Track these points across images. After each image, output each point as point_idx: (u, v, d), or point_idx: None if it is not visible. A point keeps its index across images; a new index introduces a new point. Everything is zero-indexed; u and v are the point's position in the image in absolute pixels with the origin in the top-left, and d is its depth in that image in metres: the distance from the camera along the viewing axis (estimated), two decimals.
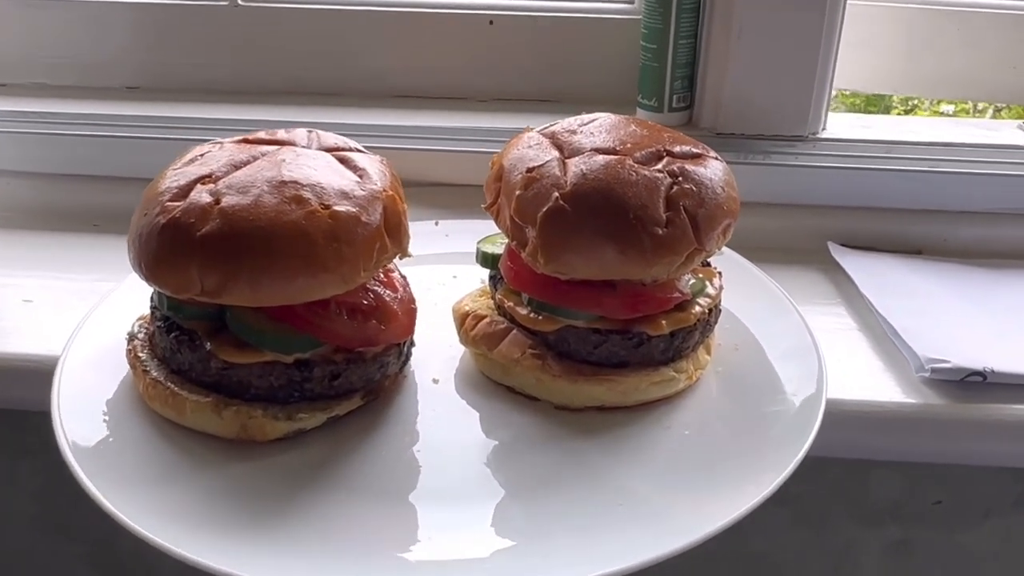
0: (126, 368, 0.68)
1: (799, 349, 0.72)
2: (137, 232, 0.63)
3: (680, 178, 0.66)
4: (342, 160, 0.67)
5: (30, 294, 0.85)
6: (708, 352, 0.72)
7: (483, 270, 0.76)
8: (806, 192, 0.95)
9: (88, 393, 0.67)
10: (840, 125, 0.99)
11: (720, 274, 0.74)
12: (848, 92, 1.39)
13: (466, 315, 0.73)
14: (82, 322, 0.73)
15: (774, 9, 0.91)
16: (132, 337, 0.69)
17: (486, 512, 0.60)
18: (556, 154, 0.68)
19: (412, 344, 0.71)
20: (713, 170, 0.68)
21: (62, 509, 0.93)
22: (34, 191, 1.00)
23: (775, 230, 0.93)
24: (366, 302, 0.65)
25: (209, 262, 0.59)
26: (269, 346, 0.62)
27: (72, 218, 0.98)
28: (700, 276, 0.72)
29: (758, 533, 0.88)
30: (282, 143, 0.68)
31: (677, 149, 0.68)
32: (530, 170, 0.67)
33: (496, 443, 0.66)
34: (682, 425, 0.67)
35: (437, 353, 0.74)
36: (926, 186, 0.94)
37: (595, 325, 0.67)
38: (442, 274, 0.83)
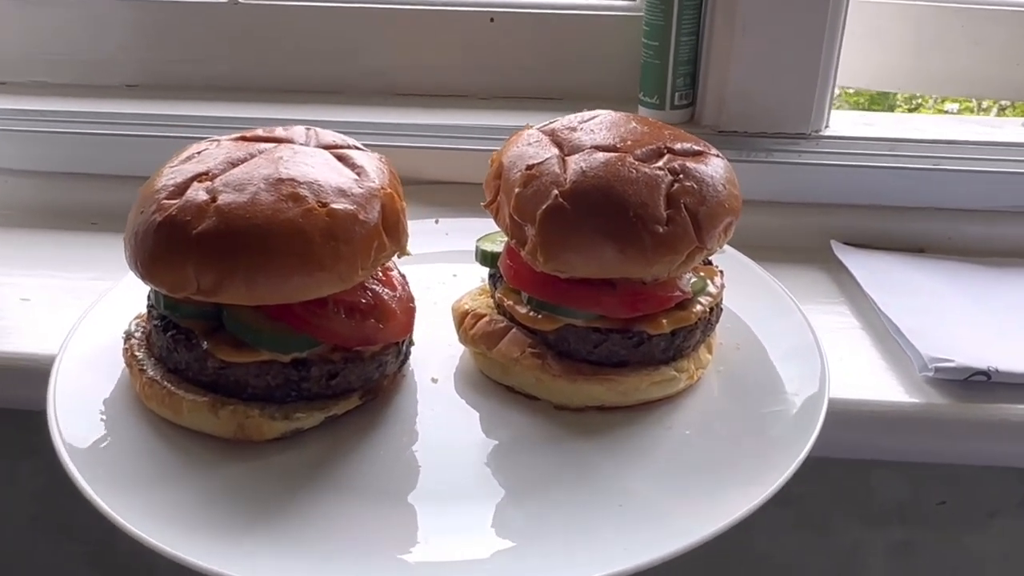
0: (123, 367, 0.68)
1: (801, 348, 0.71)
2: (133, 230, 0.62)
3: (681, 176, 0.65)
4: (340, 158, 0.66)
5: (28, 293, 0.85)
6: (709, 351, 0.72)
7: (483, 268, 0.76)
8: (809, 190, 0.94)
9: (84, 392, 0.66)
10: (843, 123, 0.99)
11: (721, 272, 0.73)
12: (852, 90, 1.39)
13: (465, 314, 0.72)
14: (79, 321, 0.73)
15: (777, 6, 0.91)
16: (129, 336, 0.69)
17: (485, 513, 0.59)
18: (556, 151, 0.67)
19: (411, 343, 0.70)
20: (715, 168, 0.68)
21: (62, 509, 0.92)
22: (33, 189, 1.00)
23: (777, 228, 0.93)
24: (364, 301, 0.65)
25: (205, 260, 0.59)
26: (266, 345, 0.62)
27: (71, 216, 0.98)
28: (701, 275, 0.71)
29: (761, 534, 0.87)
30: (280, 140, 0.68)
31: (678, 146, 0.68)
32: (530, 168, 0.67)
33: (495, 443, 0.65)
34: (683, 425, 0.66)
35: (436, 352, 0.73)
36: (929, 184, 0.93)
37: (595, 324, 0.67)
38: (442, 272, 0.82)
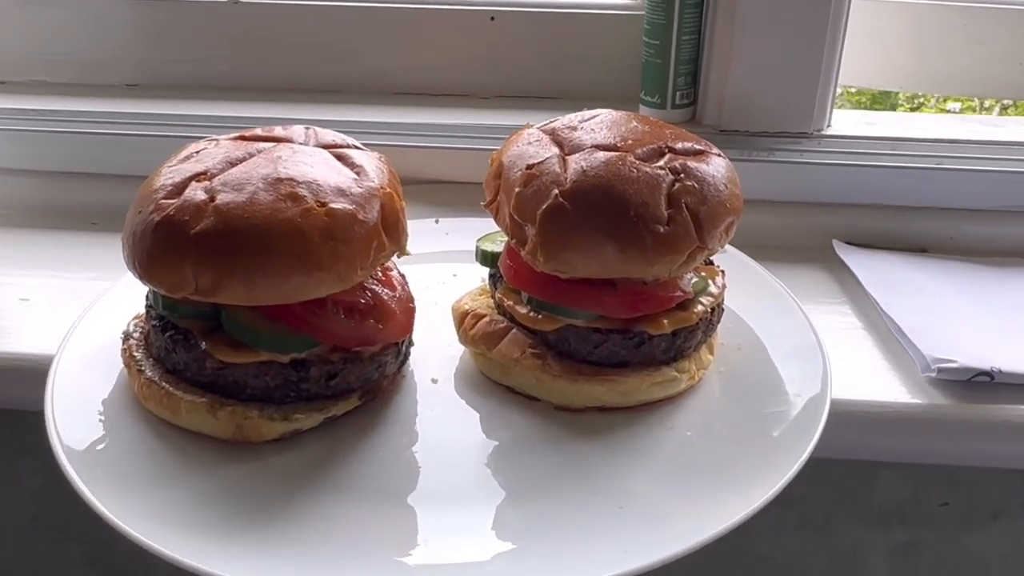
0: (121, 367, 0.68)
1: (803, 349, 0.71)
2: (131, 230, 0.62)
3: (682, 175, 0.65)
4: (339, 157, 0.66)
5: (27, 293, 0.84)
6: (711, 352, 0.71)
7: (483, 268, 0.76)
8: (810, 189, 0.94)
9: (82, 393, 0.66)
10: (845, 122, 0.99)
11: (723, 272, 0.73)
12: (854, 90, 1.38)
13: (465, 314, 0.72)
14: (77, 321, 0.72)
15: (779, 4, 0.90)
16: (127, 336, 0.68)
17: (485, 514, 0.59)
18: (556, 151, 0.67)
19: (411, 343, 0.70)
20: (716, 167, 0.67)
21: (61, 509, 0.92)
22: (32, 189, 1.00)
23: (779, 228, 0.92)
24: (364, 301, 0.65)
25: (203, 260, 0.58)
26: (265, 346, 0.62)
27: (70, 216, 0.97)
28: (702, 274, 0.71)
29: (762, 535, 0.87)
30: (279, 140, 0.67)
31: (679, 146, 0.67)
32: (530, 167, 0.66)
33: (495, 444, 0.65)
34: (684, 426, 0.66)
35: (436, 352, 0.73)
36: (932, 183, 0.93)
37: (596, 324, 0.66)
38: (442, 272, 0.82)
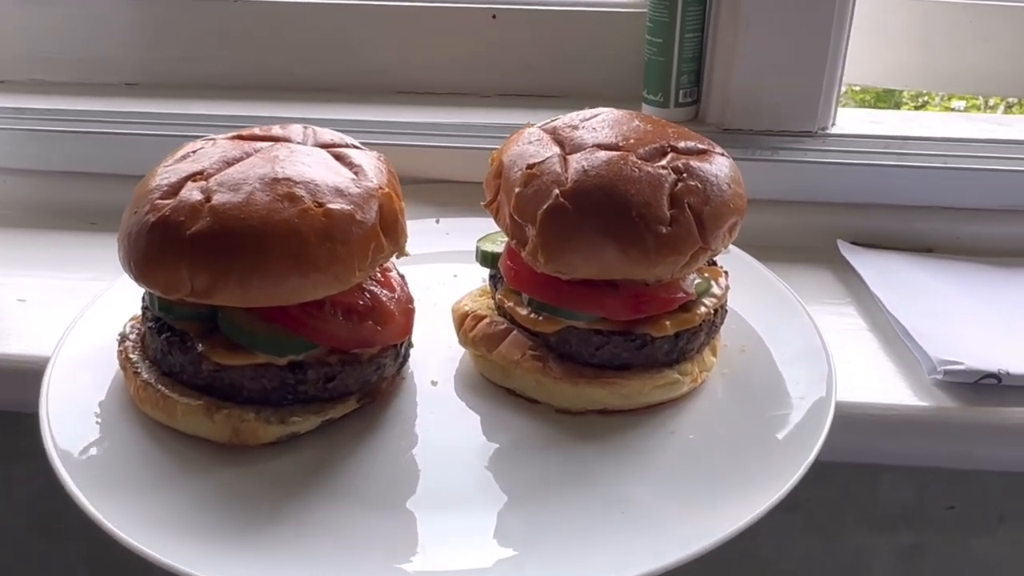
0: (117, 369, 0.67)
1: (808, 350, 0.70)
2: (127, 231, 0.61)
3: (685, 175, 0.64)
4: (338, 157, 0.65)
5: (24, 293, 0.84)
6: (714, 354, 0.71)
7: (484, 269, 0.75)
8: (815, 189, 0.93)
9: (78, 395, 0.65)
10: (850, 121, 0.98)
11: (726, 273, 0.72)
12: (858, 88, 1.38)
13: (465, 315, 0.71)
14: (73, 322, 0.72)
15: (783, 1, 0.90)
16: (124, 338, 0.68)
17: (485, 520, 0.58)
18: (557, 150, 0.66)
19: (410, 345, 0.70)
20: (719, 166, 0.66)
21: (57, 511, 0.91)
22: (31, 188, 0.99)
23: (783, 228, 0.92)
24: (362, 302, 0.64)
25: (199, 261, 0.58)
26: (261, 348, 0.61)
27: (69, 216, 0.97)
28: (705, 275, 0.70)
29: (767, 539, 0.86)
30: (277, 139, 0.67)
31: (682, 145, 0.67)
32: (530, 167, 0.66)
33: (496, 447, 0.64)
34: (686, 429, 0.65)
35: (436, 354, 0.72)
36: (937, 183, 0.93)
37: (597, 326, 0.66)
38: (442, 273, 0.82)
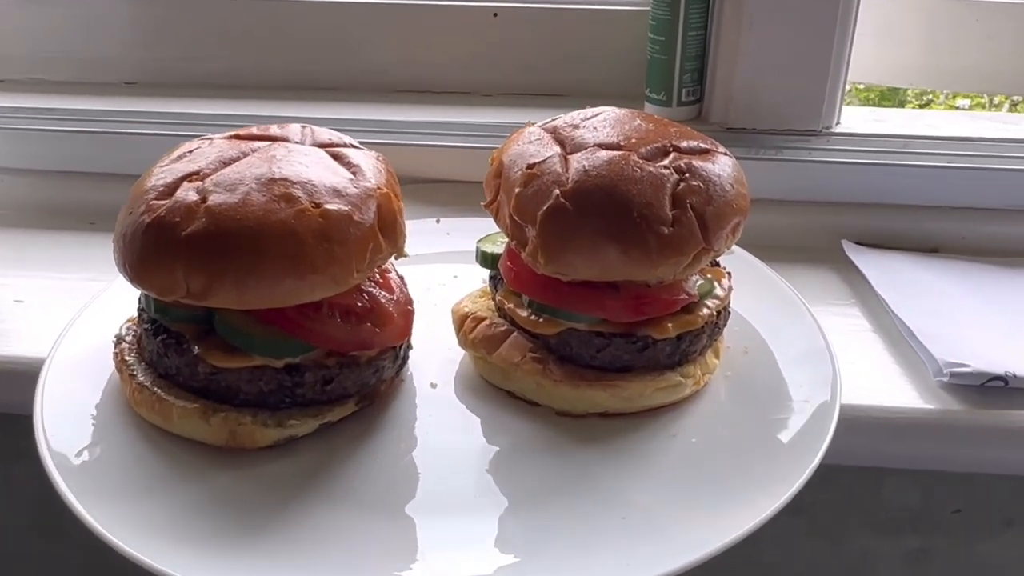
0: (113, 372, 0.67)
1: (812, 352, 0.70)
2: (122, 231, 0.61)
3: (687, 175, 0.63)
4: (336, 156, 0.65)
5: (22, 294, 0.83)
6: (716, 356, 0.70)
7: (485, 270, 0.74)
8: (819, 188, 0.93)
9: (73, 398, 0.65)
10: (854, 119, 0.98)
11: (729, 274, 0.72)
12: (863, 86, 1.37)
13: (465, 317, 0.71)
14: (69, 324, 0.71)
15: None
16: (120, 340, 0.67)
17: (485, 525, 0.58)
18: (558, 150, 0.66)
19: (409, 347, 0.69)
20: (722, 166, 0.66)
21: (55, 513, 0.91)
22: (29, 188, 0.99)
23: (787, 228, 0.91)
24: (360, 304, 0.64)
25: (194, 263, 0.57)
26: (258, 350, 0.61)
27: (68, 216, 0.97)
28: (708, 276, 0.70)
29: (771, 543, 0.85)
30: (274, 139, 0.66)
31: (684, 144, 0.66)
32: (530, 166, 0.65)
33: (496, 450, 0.64)
34: (689, 433, 0.65)
35: (435, 356, 0.72)
36: (943, 182, 0.92)
37: (598, 328, 0.65)
38: (442, 273, 0.81)
